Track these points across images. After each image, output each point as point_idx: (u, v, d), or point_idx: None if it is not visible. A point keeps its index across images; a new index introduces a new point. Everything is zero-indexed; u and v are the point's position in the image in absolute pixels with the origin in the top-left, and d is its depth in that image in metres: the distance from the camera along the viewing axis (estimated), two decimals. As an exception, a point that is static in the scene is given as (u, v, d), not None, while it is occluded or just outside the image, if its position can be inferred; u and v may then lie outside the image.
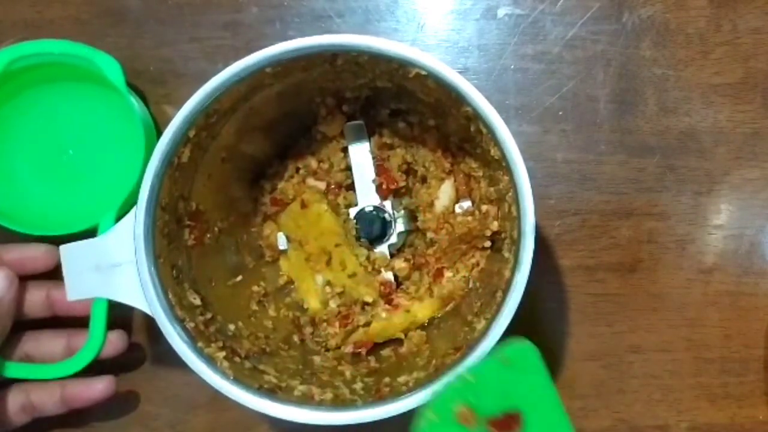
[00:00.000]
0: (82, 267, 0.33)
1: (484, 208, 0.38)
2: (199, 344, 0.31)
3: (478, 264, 0.39)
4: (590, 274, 0.41)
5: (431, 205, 0.39)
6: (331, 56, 0.32)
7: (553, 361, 0.41)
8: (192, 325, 0.32)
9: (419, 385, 0.31)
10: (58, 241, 0.35)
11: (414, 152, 0.40)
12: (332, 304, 0.39)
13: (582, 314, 0.41)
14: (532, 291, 0.30)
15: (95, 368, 0.37)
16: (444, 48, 0.42)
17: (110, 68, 0.37)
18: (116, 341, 0.38)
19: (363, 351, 0.38)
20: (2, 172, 0.40)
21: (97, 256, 0.32)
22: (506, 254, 0.34)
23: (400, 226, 0.40)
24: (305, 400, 0.32)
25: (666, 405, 0.41)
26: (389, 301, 0.39)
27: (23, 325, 0.38)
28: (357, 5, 0.42)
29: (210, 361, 0.31)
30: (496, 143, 0.31)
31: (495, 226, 0.37)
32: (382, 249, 0.40)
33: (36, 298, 0.38)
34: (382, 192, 0.39)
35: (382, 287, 0.39)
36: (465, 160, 0.39)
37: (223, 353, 0.32)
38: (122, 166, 0.39)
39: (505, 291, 0.31)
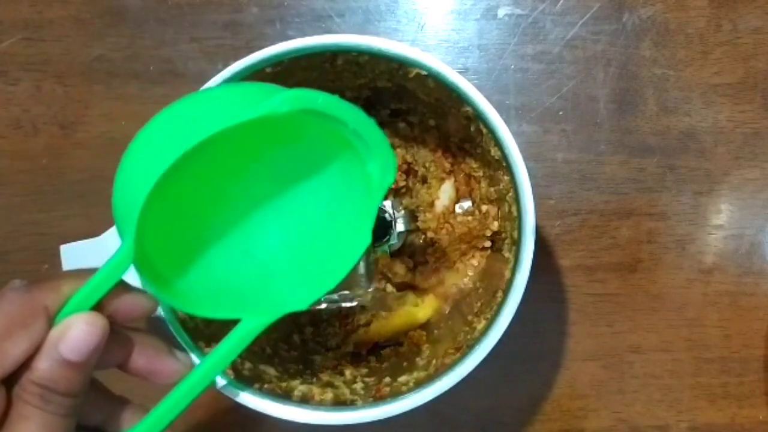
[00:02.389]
0: (82, 267, 0.32)
1: (484, 208, 0.38)
2: (200, 344, 0.31)
3: (478, 264, 0.39)
4: (590, 274, 0.41)
5: (431, 205, 0.39)
6: (331, 56, 0.32)
7: (553, 361, 0.41)
8: (192, 325, 0.32)
9: (419, 385, 0.31)
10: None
11: (414, 152, 0.40)
12: (332, 304, 0.39)
13: (582, 314, 0.41)
14: (532, 291, 0.30)
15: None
16: (444, 48, 0.42)
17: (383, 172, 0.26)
18: None
19: (363, 351, 0.38)
20: (187, 232, 0.27)
21: (97, 256, 0.32)
22: (506, 254, 0.34)
23: (400, 226, 0.40)
24: (305, 400, 0.32)
25: (666, 405, 0.41)
26: (389, 301, 0.39)
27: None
28: (357, 5, 0.42)
29: (210, 361, 0.31)
30: (497, 143, 0.31)
31: (495, 226, 0.37)
32: (383, 249, 0.40)
33: (138, 364, 0.27)
34: (382, 192, 0.39)
35: (387, 286, 0.39)
36: (465, 160, 0.39)
37: (223, 353, 0.32)
38: (330, 255, 0.28)
39: (505, 291, 0.31)
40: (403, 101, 0.38)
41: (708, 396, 0.41)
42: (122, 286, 0.25)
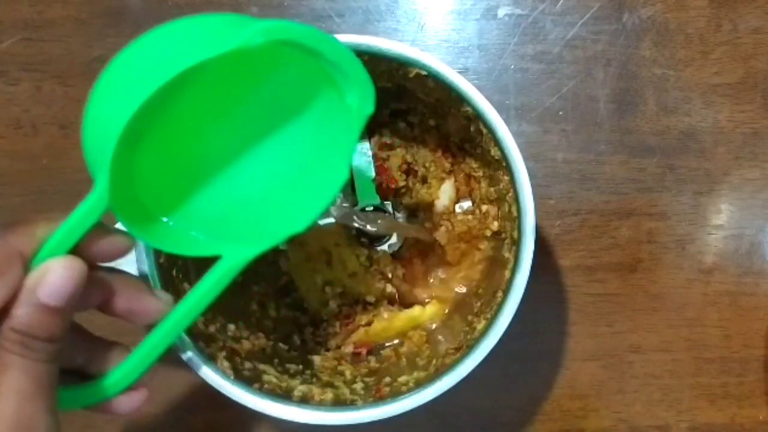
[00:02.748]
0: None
1: (484, 208, 0.38)
2: (200, 344, 0.31)
3: (478, 264, 0.39)
4: (590, 274, 0.41)
5: (432, 204, 0.39)
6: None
7: (553, 361, 0.41)
8: (192, 324, 0.32)
9: (419, 385, 0.31)
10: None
11: (414, 152, 0.40)
12: (332, 304, 0.39)
13: (582, 314, 0.41)
14: (532, 291, 0.30)
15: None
16: (444, 48, 0.42)
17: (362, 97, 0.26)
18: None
19: (363, 351, 0.38)
20: (174, 169, 0.26)
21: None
22: (506, 254, 0.34)
23: (400, 226, 0.40)
24: (305, 400, 0.32)
25: (666, 405, 0.41)
26: (392, 302, 0.39)
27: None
28: (357, 5, 0.42)
29: (210, 361, 0.31)
30: (496, 143, 0.31)
31: (495, 226, 0.37)
32: (383, 249, 0.40)
33: (119, 305, 0.26)
34: (382, 192, 0.39)
35: (387, 286, 0.39)
36: (465, 160, 0.39)
37: (223, 353, 0.32)
38: (310, 189, 0.28)
39: (505, 291, 0.31)
40: (403, 101, 0.38)
41: (708, 396, 0.41)
42: (98, 227, 0.24)
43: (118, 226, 0.27)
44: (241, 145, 0.27)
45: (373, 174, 0.39)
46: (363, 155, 0.39)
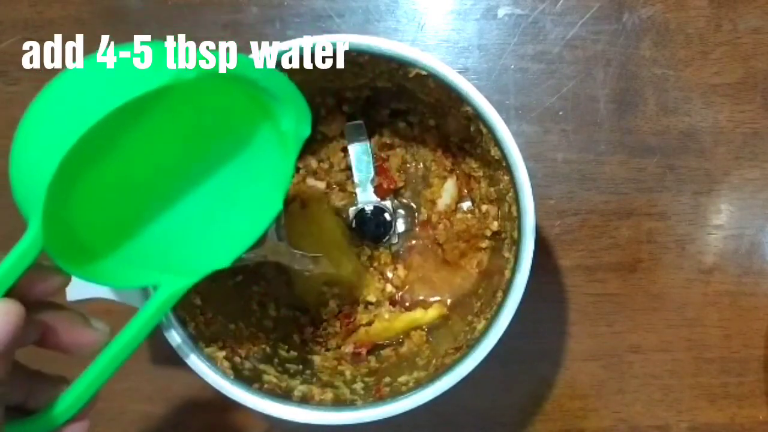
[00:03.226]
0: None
1: (484, 208, 0.38)
2: (199, 344, 0.31)
3: (478, 264, 0.39)
4: (590, 274, 0.41)
5: (433, 204, 0.39)
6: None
7: (553, 361, 0.41)
8: (192, 324, 0.32)
9: (419, 385, 0.31)
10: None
11: (414, 152, 0.40)
12: (332, 304, 0.39)
13: (582, 314, 0.41)
14: (532, 291, 0.30)
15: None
16: (444, 48, 0.42)
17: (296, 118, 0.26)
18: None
19: (363, 351, 0.38)
20: (110, 204, 0.26)
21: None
22: (506, 254, 0.34)
23: (400, 226, 0.40)
24: (305, 400, 0.32)
25: (666, 405, 0.41)
26: (393, 303, 0.39)
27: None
28: (357, 5, 0.42)
29: (210, 361, 0.31)
30: (496, 143, 0.31)
31: (495, 226, 0.37)
32: (383, 249, 0.40)
33: (56, 339, 0.26)
34: (382, 192, 0.39)
35: (387, 286, 0.39)
36: (465, 160, 0.39)
37: (223, 353, 0.32)
38: (247, 217, 0.29)
39: (505, 291, 0.31)
40: (403, 101, 0.38)
41: (708, 396, 0.41)
42: (34, 267, 0.24)
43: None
44: (179, 178, 0.27)
45: (373, 174, 0.39)
46: (363, 155, 0.39)
